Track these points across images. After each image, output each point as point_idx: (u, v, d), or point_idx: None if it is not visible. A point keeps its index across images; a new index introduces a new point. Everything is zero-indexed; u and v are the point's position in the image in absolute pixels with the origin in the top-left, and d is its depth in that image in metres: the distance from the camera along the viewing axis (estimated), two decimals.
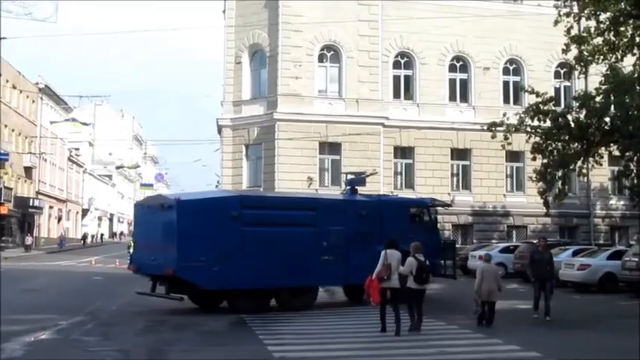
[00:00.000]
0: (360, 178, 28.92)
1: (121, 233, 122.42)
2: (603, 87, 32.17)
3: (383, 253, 17.18)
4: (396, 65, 48.02)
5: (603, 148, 34.07)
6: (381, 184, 41.48)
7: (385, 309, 17.19)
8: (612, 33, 30.19)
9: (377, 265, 17.11)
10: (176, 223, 20.94)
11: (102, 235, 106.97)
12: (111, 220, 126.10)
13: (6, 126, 64.46)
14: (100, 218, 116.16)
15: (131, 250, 44.20)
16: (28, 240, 65.41)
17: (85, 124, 78.84)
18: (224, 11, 48.86)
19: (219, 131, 48.54)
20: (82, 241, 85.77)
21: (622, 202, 48.82)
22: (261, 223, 21.77)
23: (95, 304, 23.35)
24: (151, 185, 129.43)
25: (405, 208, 27.41)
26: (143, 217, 23.52)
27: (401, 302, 17.15)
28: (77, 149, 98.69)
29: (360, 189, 27.53)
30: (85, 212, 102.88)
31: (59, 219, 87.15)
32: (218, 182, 55.64)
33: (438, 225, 30.88)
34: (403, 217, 26.08)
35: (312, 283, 23.25)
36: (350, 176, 29.28)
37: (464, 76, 48.81)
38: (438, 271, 27.03)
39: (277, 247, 21.81)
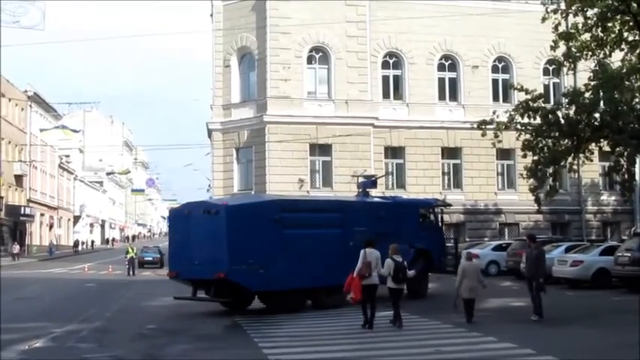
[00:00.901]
0: (372, 181, 30.15)
1: (113, 239, 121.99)
2: (592, 83, 32.17)
3: (362, 252, 18.27)
4: (385, 65, 47.99)
5: (593, 144, 34.09)
6: None
7: (366, 305, 18.11)
8: (600, 29, 30.25)
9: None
10: (225, 228, 21.49)
11: (92, 241, 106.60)
12: (103, 226, 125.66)
13: None
14: (91, 225, 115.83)
15: (128, 256, 45.07)
16: (15, 249, 64.98)
17: (74, 131, 79.00)
18: (212, 15, 48.76)
19: (210, 135, 48.51)
20: (74, 249, 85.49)
21: (613, 198, 48.90)
22: (298, 226, 22.66)
23: (89, 311, 23.32)
24: (143, 191, 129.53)
25: (415, 209, 28.56)
26: (182, 224, 23.58)
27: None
28: (67, 156, 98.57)
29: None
30: (76, 219, 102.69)
31: (51, 226, 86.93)
32: (209, 186, 55.55)
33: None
34: (414, 218, 27.38)
35: (342, 282, 23.56)
36: (362, 179, 29.86)
37: (453, 74, 48.79)
38: (443, 267, 27.65)
39: (313, 248, 22.63)
